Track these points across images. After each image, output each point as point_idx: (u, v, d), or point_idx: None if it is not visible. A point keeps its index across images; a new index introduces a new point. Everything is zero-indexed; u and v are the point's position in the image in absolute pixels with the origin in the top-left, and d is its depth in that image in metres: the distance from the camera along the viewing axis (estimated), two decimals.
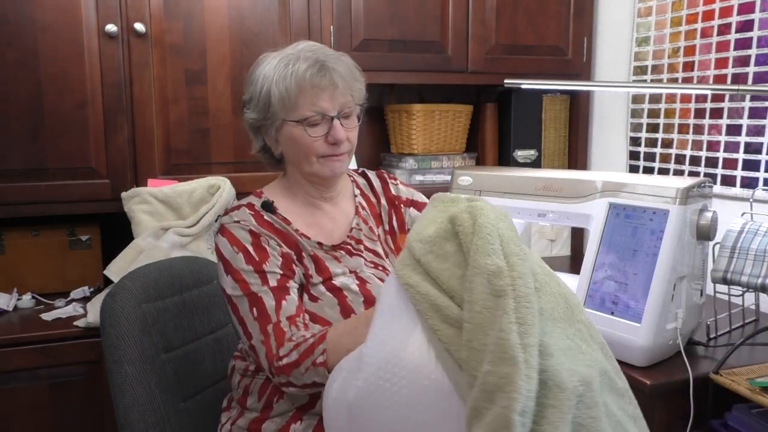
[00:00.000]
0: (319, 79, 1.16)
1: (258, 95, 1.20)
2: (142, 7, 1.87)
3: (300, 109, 1.17)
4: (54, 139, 1.84)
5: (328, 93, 1.17)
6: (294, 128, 1.18)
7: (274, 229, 1.21)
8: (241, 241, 1.17)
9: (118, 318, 1.25)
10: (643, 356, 1.37)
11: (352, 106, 1.22)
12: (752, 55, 1.84)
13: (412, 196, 1.41)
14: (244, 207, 1.23)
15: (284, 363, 1.08)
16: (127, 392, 1.22)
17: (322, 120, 1.18)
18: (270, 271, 1.16)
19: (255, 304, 1.14)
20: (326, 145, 1.19)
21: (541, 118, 2.41)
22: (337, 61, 1.19)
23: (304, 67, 1.16)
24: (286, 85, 1.16)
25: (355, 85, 1.22)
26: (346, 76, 1.19)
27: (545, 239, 2.41)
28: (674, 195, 1.38)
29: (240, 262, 1.16)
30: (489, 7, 2.22)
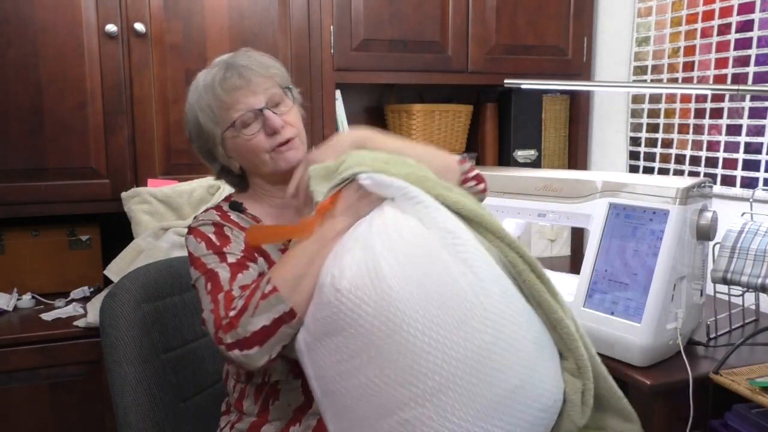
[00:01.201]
0: (229, 79, 1.15)
1: (191, 125, 1.21)
2: (142, 7, 1.87)
3: (226, 115, 1.16)
4: (54, 139, 1.85)
5: (243, 91, 1.15)
6: (232, 137, 1.17)
7: (239, 226, 1.20)
8: (204, 233, 1.16)
9: (118, 318, 1.25)
10: (643, 356, 1.37)
11: (277, 92, 1.19)
12: (752, 55, 1.84)
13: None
14: (212, 210, 1.23)
15: (231, 315, 1.02)
16: (126, 392, 1.22)
17: (254, 117, 1.16)
18: (230, 252, 1.13)
19: (210, 279, 1.10)
20: (268, 139, 1.17)
21: (541, 118, 2.41)
22: (242, 57, 1.19)
23: (212, 77, 1.16)
24: (206, 102, 1.16)
25: (270, 72, 1.19)
26: (256, 67, 1.18)
27: (545, 239, 2.41)
28: (674, 195, 1.38)
29: (201, 249, 1.14)
30: (489, 7, 2.22)
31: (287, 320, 1.02)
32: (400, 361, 0.92)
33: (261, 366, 1.04)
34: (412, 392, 0.92)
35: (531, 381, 0.98)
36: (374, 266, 0.96)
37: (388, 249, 0.98)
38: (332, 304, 0.97)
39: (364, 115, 2.47)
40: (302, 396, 1.16)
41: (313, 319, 1.00)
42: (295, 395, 1.17)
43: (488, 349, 0.95)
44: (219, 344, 1.03)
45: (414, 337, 0.92)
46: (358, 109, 2.45)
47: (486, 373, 0.94)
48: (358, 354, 0.95)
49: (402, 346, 0.93)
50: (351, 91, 2.32)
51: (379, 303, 0.94)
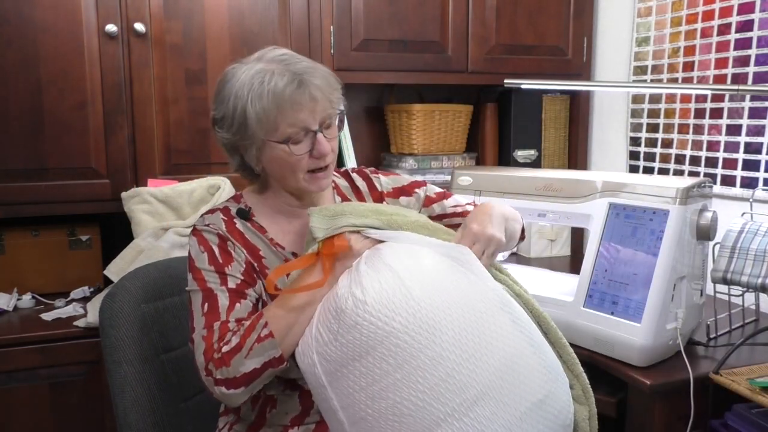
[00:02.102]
0: (299, 95, 1.10)
1: (232, 115, 1.13)
2: (142, 7, 1.87)
3: (281, 127, 1.11)
4: (54, 139, 1.85)
5: (308, 108, 1.11)
6: (276, 148, 1.13)
7: (243, 238, 1.18)
8: (208, 242, 1.15)
9: (118, 318, 1.25)
10: (643, 356, 1.37)
11: (332, 116, 1.17)
12: (752, 55, 1.84)
13: (396, 184, 1.36)
14: (219, 212, 1.21)
15: (224, 351, 1.03)
16: (126, 393, 1.22)
17: (305, 136, 1.13)
18: (231, 275, 1.13)
19: (208, 300, 1.10)
20: (311, 160, 1.15)
21: (541, 118, 2.41)
22: (313, 73, 1.13)
23: (282, 83, 1.10)
24: (263, 105, 1.10)
25: (333, 95, 1.16)
26: (324, 87, 1.13)
27: (545, 239, 2.41)
28: (674, 195, 1.38)
29: (203, 261, 1.13)
30: (489, 7, 2.22)
31: (275, 365, 1.04)
32: (435, 374, 0.92)
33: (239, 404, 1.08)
34: (448, 407, 0.92)
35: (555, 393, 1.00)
36: (398, 282, 0.97)
37: (406, 267, 1.00)
38: (360, 324, 0.96)
39: (364, 115, 2.47)
40: (299, 406, 1.16)
41: (337, 346, 0.98)
42: (292, 405, 1.16)
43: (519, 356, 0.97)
44: (206, 375, 1.05)
45: (446, 350, 0.93)
46: (358, 109, 2.45)
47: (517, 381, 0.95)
48: (390, 372, 0.94)
49: (434, 360, 0.93)
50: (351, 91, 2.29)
51: (409, 316, 0.94)
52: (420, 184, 1.37)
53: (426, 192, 1.36)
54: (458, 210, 1.36)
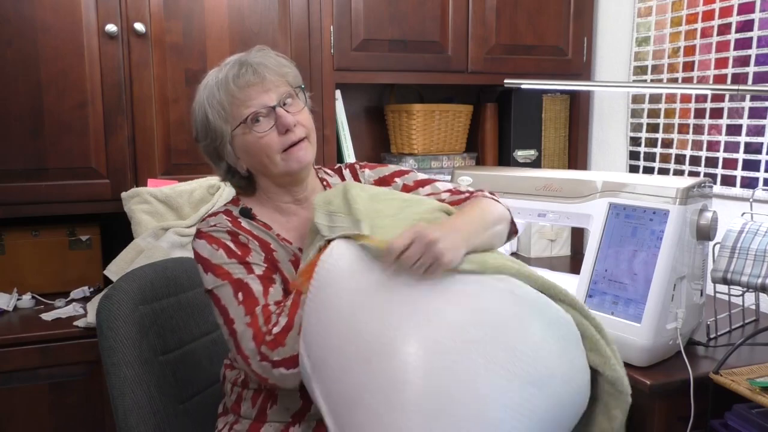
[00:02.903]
0: (243, 76, 1.14)
1: (199, 123, 1.19)
2: (142, 7, 1.87)
3: (237, 111, 1.15)
4: (54, 139, 1.85)
5: (257, 87, 1.14)
6: (242, 135, 1.16)
7: (253, 234, 1.19)
8: (220, 240, 1.15)
9: (116, 320, 1.25)
10: (643, 356, 1.37)
11: (289, 90, 1.19)
12: (752, 55, 1.84)
13: (378, 175, 1.36)
14: (221, 213, 1.21)
15: (275, 332, 1.03)
16: (126, 395, 1.21)
17: (266, 114, 1.15)
18: (254, 263, 1.13)
19: (240, 289, 1.10)
20: (279, 138, 1.15)
21: (541, 118, 2.41)
22: (256, 55, 1.18)
23: (225, 73, 1.15)
24: (217, 98, 1.15)
25: (283, 70, 1.19)
26: (270, 64, 1.17)
27: (545, 239, 2.41)
28: (674, 195, 1.38)
29: (221, 257, 1.13)
30: (489, 7, 2.22)
31: None
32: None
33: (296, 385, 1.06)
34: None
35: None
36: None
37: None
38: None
39: (364, 115, 2.47)
40: (300, 401, 1.16)
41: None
42: (293, 400, 1.16)
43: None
44: (261, 360, 1.03)
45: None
46: (358, 109, 2.45)
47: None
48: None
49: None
50: (351, 91, 2.32)
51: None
52: (402, 173, 1.36)
53: (404, 180, 1.34)
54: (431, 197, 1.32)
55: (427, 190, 1.33)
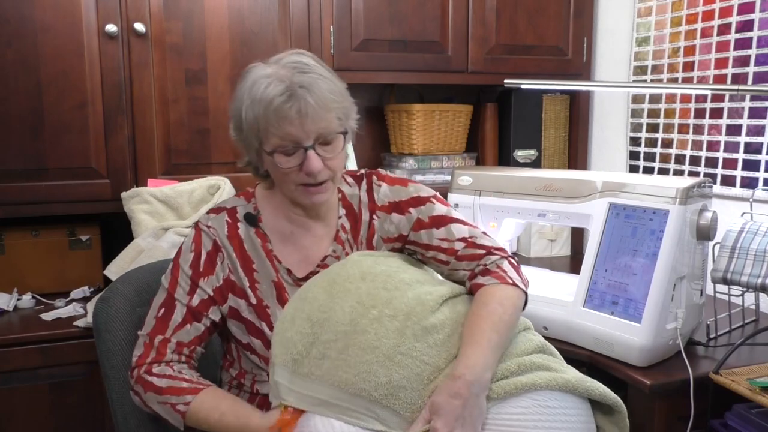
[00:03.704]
0: (287, 109, 1.06)
1: (235, 116, 1.14)
2: (142, 7, 1.87)
3: (270, 138, 1.09)
4: (54, 139, 1.84)
5: (297, 123, 1.07)
6: (267, 154, 1.11)
7: (240, 247, 1.18)
8: (201, 245, 1.18)
9: (114, 323, 1.24)
10: (643, 356, 1.37)
11: (332, 131, 1.12)
12: (752, 55, 1.84)
13: (394, 197, 1.26)
14: (225, 212, 1.21)
15: (149, 380, 1.11)
16: (126, 398, 1.20)
17: (296, 150, 1.09)
18: (202, 287, 1.17)
19: (166, 306, 1.17)
20: (302, 175, 1.11)
21: (541, 118, 2.41)
22: (312, 86, 1.08)
23: (273, 93, 1.06)
24: (254, 112, 1.08)
25: (332, 112, 1.11)
26: (319, 103, 1.08)
27: (545, 239, 2.40)
28: (674, 195, 1.38)
29: (186, 260, 1.18)
30: (489, 7, 2.22)
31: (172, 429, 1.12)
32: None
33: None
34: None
35: None
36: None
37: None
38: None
39: (364, 115, 2.46)
40: None
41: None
42: None
43: None
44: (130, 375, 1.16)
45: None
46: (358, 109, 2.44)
47: None
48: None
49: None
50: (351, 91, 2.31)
51: None
52: (420, 202, 1.26)
53: (419, 215, 1.24)
54: (444, 246, 1.22)
55: (441, 233, 1.23)
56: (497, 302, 1.12)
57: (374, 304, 1.07)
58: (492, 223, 1.84)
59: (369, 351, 1.02)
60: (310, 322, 1.06)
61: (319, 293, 1.10)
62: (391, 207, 1.26)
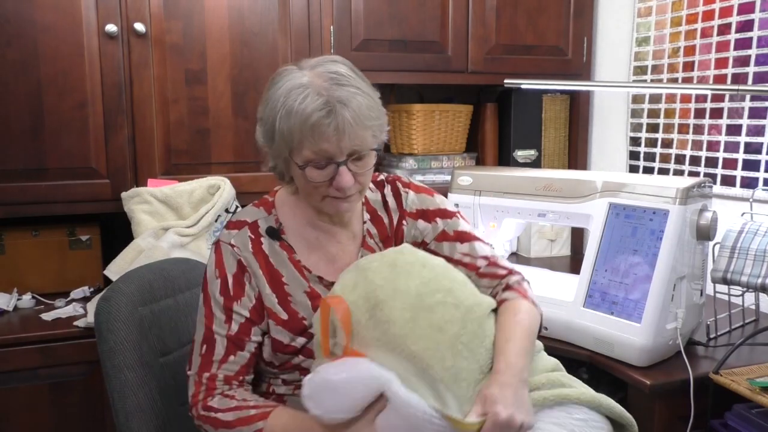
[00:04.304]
0: (325, 125, 1.04)
1: (266, 122, 1.10)
2: (142, 7, 1.87)
3: (304, 151, 1.06)
4: (54, 139, 1.84)
5: (333, 139, 1.05)
6: (297, 168, 1.09)
7: (266, 262, 1.16)
8: (225, 268, 1.15)
9: (115, 322, 1.23)
10: (643, 356, 1.37)
11: (366, 148, 1.09)
12: (752, 55, 1.84)
13: (422, 205, 1.27)
14: (247, 227, 1.17)
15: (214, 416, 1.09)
16: (128, 398, 1.20)
17: (327, 164, 1.08)
18: (237, 312, 1.14)
19: (207, 342, 1.14)
20: (331, 189, 1.10)
21: (541, 118, 2.41)
22: (349, 102, 1.05)
23: (312, 107, 1.04)
24: (289, 124, 1.05)
25: (368, 130, 1.09)
26: (356, 120, 1.05)
27: (545, 239, 2.40)
28: (674, 195, 1.38)
29: (215, 287, 1.15)
30: (489, 7, 2.22)
31: None
32: None
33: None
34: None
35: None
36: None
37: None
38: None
39: None
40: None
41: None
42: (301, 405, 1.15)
43: None
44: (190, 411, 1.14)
45: None
46: None
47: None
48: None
49: None
50: None
51: None
52: (447, 215, 1.27)
53: (445, 227, 1.26)
54: (465, 260, 1.24)
55: (465, 248, 1.25)
56: (525, 313, 1.16)
57: (438, 288, 1.07)
58: (492, 223, 1.84)
59: (436, 331, 1.02)
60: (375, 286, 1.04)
61: (382, 268, 1.08)
62: (418, 214, 1.27)
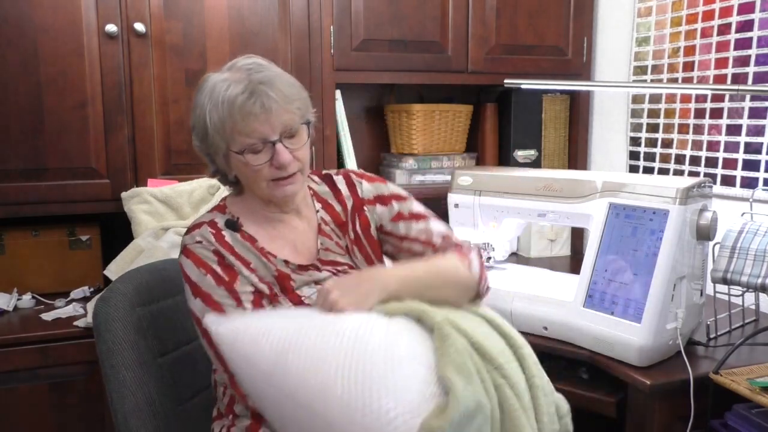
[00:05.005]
0: (251, 105, 1.10)
1: (197, 124, 1.16)
2: (142, 7, 1.87)
3: (237, 138, 1.12)
4: (54, 139, 1.84)
5: (262, 118, 1.11)
6: (236, 156, 1.14)
7: (233, 252, 1.17)
8: (207, 262, 1.14)
9: (114, 322, 1.24)
10: (643, 356, 1.37)
11: (295, 124, 1.15)
12: (752, 55, 1.84)
13: (377, 192, 1.33)
14: (206, 225, 1.19)
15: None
16: (126, 398, 1.20)
17: (264, 146, 1.13)
18: (242, 291, 1.14)
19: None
20: (272, 169, 1.14)
21: (541, 118, 2.41)
22: (271, 82, 1.12)
23: (235, 92, 1.10)
24: (219, 115, 1.11)
25: (293, 104, 1.15)
26: (280, 96, 1.12)
27: (545, 239, 2.40)
28: (674, 195, 1.38)
29: (208, 282, 1.13)
30: (489, 7, 2.22)
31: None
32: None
33: None
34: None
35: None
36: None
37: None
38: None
39: (364, 115, 2.47)
40: None
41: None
42: None
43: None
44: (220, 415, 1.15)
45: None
46: (358, 109, 2.45)
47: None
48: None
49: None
50: (351, 91, 2.32)
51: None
52: (400, 198, 1.33)
53: (400, 208, 1.31)
54: (422, 237, 1.29)
55: (420, 225, 1.30)
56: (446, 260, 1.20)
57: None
58: (492, 223, 1.84)
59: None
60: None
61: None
62: (376, 200, 1.32)
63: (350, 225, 1.30)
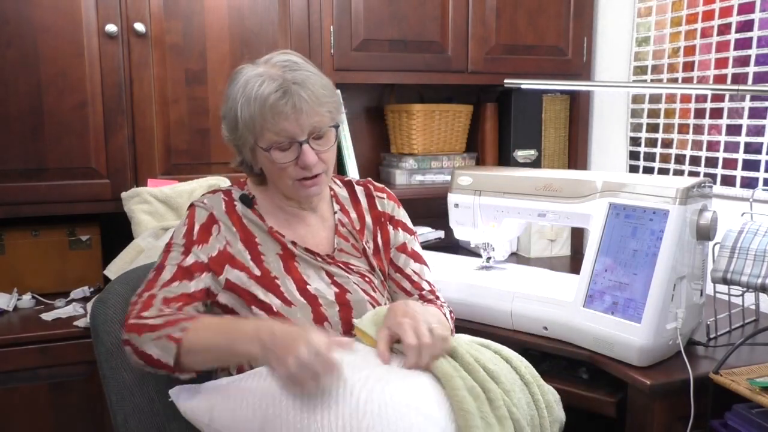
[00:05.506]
0: (282, 105, 1.12)
1: (229, 115, 1.18)
2: (142, 7, 1.87)
3: (266, 134, 1.14)
4: (54, 139, 1.85)
5: (292, 118, 1.13)
6: (263, 153, 1.17)
7: (240, 223, 1.21)
8: (194, 219, 1.20)
9: (112, 323, 1.24)
10: (643, 356, 1.37)
11: (324, 126, 1.17)
12: (752, 55, 1.84)
13: (393, 213, 1.38)
14: (221, 192, 1.25)
15: (143, 322, 1.09)
16: (126, 399, 1.20)
17: (291, 145, 1.15)
18: (196, 253, 1.17)
19: (157, 270, 1.17)
20: (297, 169, 1.17)
21: (541, 118, 2.41)
22: (304, 83, 1.14)
23: (268, 90, 1.12)
24: (250, 111, 1.13)
25: (323, 107, 1.16)
26: (312, 98, 1.13)
27: (545, 239, 2.40)
28: (674, 195, 1.38)
29: (179, 233, 1.19)
30: (489, 7, 2.22)
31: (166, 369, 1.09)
32: None
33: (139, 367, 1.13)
34: None
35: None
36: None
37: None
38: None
39: (364, 115, 2.47)
40: None
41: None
42: None
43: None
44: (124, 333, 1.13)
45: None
46: (358, 109, 2.45)
47: None
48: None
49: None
50: (351, 91, 2.32)
51: None
52: (408, 230, 1.38)
53: (406, 240, 1.37)
54: (414, 278, 1.35)
55: (416, 267, 1.36)
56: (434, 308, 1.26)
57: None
58: (492, 223, 1.84)
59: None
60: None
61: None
62: (392, 220, 1.38)
63: (370, 235, 1.34)
